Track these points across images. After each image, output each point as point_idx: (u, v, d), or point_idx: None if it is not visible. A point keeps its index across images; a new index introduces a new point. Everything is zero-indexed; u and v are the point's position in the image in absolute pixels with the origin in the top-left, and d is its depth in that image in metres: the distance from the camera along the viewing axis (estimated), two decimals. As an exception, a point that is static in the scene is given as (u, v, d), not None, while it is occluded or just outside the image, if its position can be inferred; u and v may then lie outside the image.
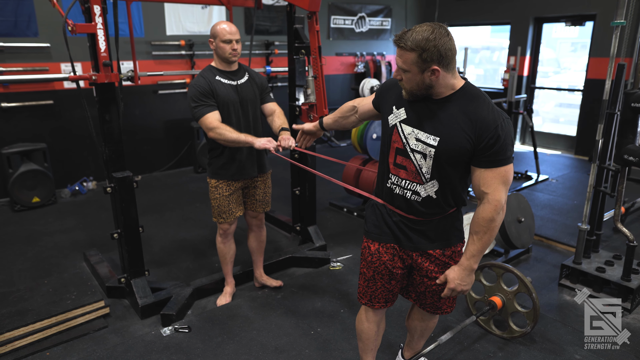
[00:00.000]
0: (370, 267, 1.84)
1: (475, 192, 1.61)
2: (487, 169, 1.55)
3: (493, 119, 1.52)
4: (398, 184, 1.71)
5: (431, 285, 1.82)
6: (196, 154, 5.77)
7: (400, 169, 1.68)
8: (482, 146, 1.52)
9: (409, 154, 1.64)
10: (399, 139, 1.66)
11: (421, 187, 1.66)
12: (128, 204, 2.69)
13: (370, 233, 1.83)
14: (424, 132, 1.60)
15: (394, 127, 1.67)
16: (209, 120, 2.46)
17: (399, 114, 1.67)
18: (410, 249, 1.77)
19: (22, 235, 3.97)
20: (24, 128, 4.80)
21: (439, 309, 1.91)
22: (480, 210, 1.58)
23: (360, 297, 1.92)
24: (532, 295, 2.45)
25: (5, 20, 4.49)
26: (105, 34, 2.50)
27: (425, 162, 1.62)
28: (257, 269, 3.09)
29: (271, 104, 2.75)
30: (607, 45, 5.94)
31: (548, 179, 5.51)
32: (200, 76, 2.54)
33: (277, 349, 2.49)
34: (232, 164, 2.64)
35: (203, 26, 5.81)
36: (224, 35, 2.49)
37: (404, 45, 1.49)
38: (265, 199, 2.87)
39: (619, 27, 2.67)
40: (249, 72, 2.71)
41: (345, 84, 7.53)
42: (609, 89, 2.81)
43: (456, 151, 1.56)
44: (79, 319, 2.65)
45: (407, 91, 1.59)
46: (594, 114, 6.16)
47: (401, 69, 1.54)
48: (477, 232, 1.60)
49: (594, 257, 3.15)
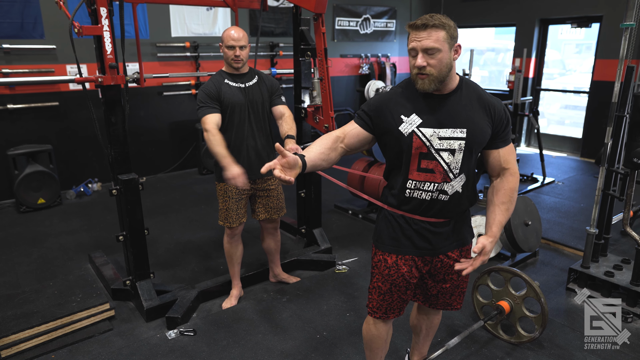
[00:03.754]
0: (387, 281, 1.78)
1: (494, 172, 1.73)
2: (504, 148, 1.70)
3: (498, 102, 1.68)
4: (423, 188, 1.66)
5: (444, 287, 1.84)
6: (201, 156, 5.77)
7: (426, 173, 1.64)
8: (499, 128, 1.67)
9: (434, 156, 1.62)
10: (422, 143, 1.61)
11: (448, 185, 1.65)
12: (133, 206, 2.69)
13: (386, 245, 1.77)
14: (448, 128, 1.61)
15: (411, 134, 1.61)
16: (206, 121, 2.51)
17: (412, 121, 1.62)
18: (430, 255, 1.75)
19: (27, 237, 3.98)
20: (29, 129, 4.81)
21: (449, 305, 1.92)
22: (505, 182, 1.71)
23: (373, 311, 1.86)
24: (541, 300, 2.42)
25: (12, 22, 4.51)
26: (112, 36, 2.50)
27: (454, 157, 1.63)
28: (276, 267, 3.15)
29: (280, 106, 2.74)
30: (613, 46, 5.91)
31: (554, 182, 5.48)
32: (210, 80, 2.61)
33: (283, 353, 2.48)
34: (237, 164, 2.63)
35: (208, 28, 5.81)
36: (227, 42, 2.55)
37: (434, 23, 1.52)
38: (279, 205, 2.88)
39: (629, 28, 2.65)
40: (259, 74, 2.74)
41: (349, 86, 7.52)
42: (618, 91, 2.78)
43: (483, 137, 1.65)
44: (84, 322, 2.65)
45: (435, 77, 1.55)
46: (600, 115, 6.12)
47: (432, 49, 1.52)
48: (504, 202, 1.70)
49: (602, 261, 3.12)
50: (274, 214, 2.87)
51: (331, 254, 3.54)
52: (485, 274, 2.65)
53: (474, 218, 3.49)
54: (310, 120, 3.22)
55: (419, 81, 1.58)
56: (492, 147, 1.69)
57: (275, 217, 2.89)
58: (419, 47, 1.53)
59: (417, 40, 1.53)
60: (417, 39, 1.53)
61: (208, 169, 5.82)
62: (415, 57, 1.56)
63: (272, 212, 2.86)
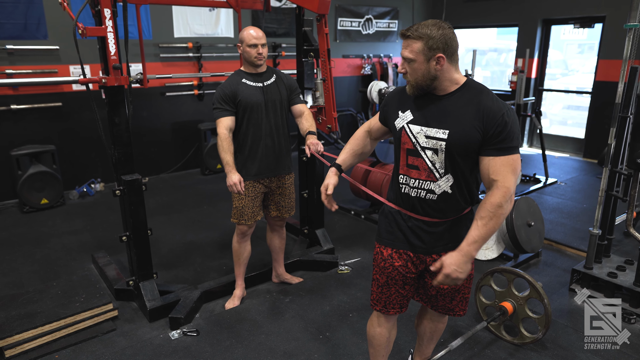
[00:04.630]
0: (383, 273, 1.83)
1: (485, 183, 1.61)
2: (496, 157, 1.56)
3: (498, 108, 1.56)
4: (412, 185, 1.71)
5: (443, 289, 1.83)
6: (203, 156, 5.78)
7: (412, 170, 1.70)
8: (491, 134, 1.55)
9: (419, 153, 1.66)
10: (408, 139, 1.68)
11: (435, 185, 1.67)
12: (137, 207, 2.69)
13: (382, 239, 1.83)
14: (432, 127, 1.64)
15: (401, 129, 1.70)
16: (219, 125, 2.61)
17: (405, 117, 1.70)
18: (423, 253, 1.77)
19: (30, 237, 3.99)
20: (33, 130, 4.83)
21: (451, 310, 1.91)
22: (488, 195, 1.56)
23: (374, 303, 1.91)
24: (544, 301, 2.42)
25: (16, 23, 4.52)
26: (115, 37, 2.51)
27: (437, 157, 1.64)
28: (280, 266, 3.16)
29: (300, 105, 2.78)
30: (616, 47, 5.90)
31: (557, 182, 5.47)
32: (227, 80, 2.65)
33: (286, 353, 2.48)
34: (254, 162, 2.68)
35: (210, 28, 5.82)
36: (250, 40, 2.58)
37: (410, 34, 1.56)
38: (291, 204, 2.92)
39: (633, 29, 2.64)
40: (277, 73, 2.77)
41: (352, 86, 7.52)
42: (621, 92, 2.77)
43: (466, 141, 1.58)
44: (87, 322, 2.66)
45: (412, 84, 1.62)
46: (603, 116, 6.11)
47: (407, 59, 1.59)
48: (482, 217, 1.55)
49: (605, 262, 3.11)
50: (285, 213, 2.90)
51: (334, 254, 3.54)
52: (488, 274, 2.65)
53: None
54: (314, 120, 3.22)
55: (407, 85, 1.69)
56: (482, 153, 1.59)
57: (286, 215, 2.92)
58: (402, 55, 1.63)
59: (402, 47, 1.62)
60: (402, 47, 1.62)
61: (210, 169, 5.82)
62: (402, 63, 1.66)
63: (284, 210, 2.89)
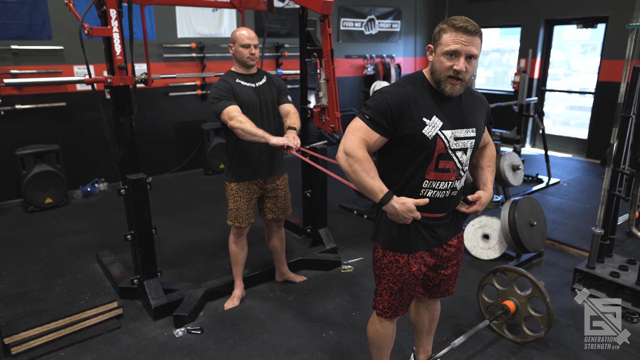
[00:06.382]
0: (398, 281, 1.80)
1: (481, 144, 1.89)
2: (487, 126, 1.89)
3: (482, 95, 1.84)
4: (440, 188, 1.70)
5: (445, 275, 1.93)
6: (206, 156, 5.80)
7: (443, 173, 1.68)
8: (487, 116, 1.84)
9: (450, 156, 1.67)
10: (443, 145, 1.63)
11: (458, 182, 1.74)
12: (141, 206, 2.71)
13: (397, 246, 1.76)
14: (462, 128, 1.68)
15: (435, 137, 1.61)
16: (229, 110, 2.49)
17: (434, 123, 1.61)
18: (437, 246, 1.82)
19: (35, 236, 4.02)
20: (37, 130, 4.86)
21: (447, 291, 2.02)
22: (488, 150, 1.93)
23: (383, 312, 1.88)
24: (546, 300, 2.43)
25: (20, 24, 4.55)
26: (121, 37, 2.53)
27: (466, 155, 1.71)
28: (283, 265, 3.17)
29: (287, 105, 2.80)
30: (619, 47, 5.90)
31: (559, 182, 5.47)
32: (221, 79, 2.64)
33: (290, 351, 2.49)
34: (247, 163, 2.69)
35: (214, 29, 5.84)
36: (242, 40, 2.59)
37: (479, 31, 1.53)
38: (286, 204, 2.92)
39: (635, 29, 2.65)
40: (267, 75, 2.79)
41: (354, 86, 7.54)
42: (624, 92, 2.78)
43: (483, 132, 1.77)
44: (92, 320, 2.68)
45: (465, 83, 1.60)
46: (606, 116, 6.11)
47: (473, 56, 1.54)
48: (490, 165, 1.92)
49: (607, 262, 3.12)
50: (280, 214, 2.91)
51: (337, 253, 3.56)
52: (491, 273, 2.66)
53: (480, 219, 3.50)
54: (317, 120, 3.24)
55: (448, 85, 1.56)
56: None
57: (282, 217, 2.93)
58: (464, 51, 1.50)
59: (463, 43, 1.49)
60: (464, 43, 1.49)
61: (213, 169, 5.84)
62: (453, 59, 1.52)
63: (279, 212, 2.90)
